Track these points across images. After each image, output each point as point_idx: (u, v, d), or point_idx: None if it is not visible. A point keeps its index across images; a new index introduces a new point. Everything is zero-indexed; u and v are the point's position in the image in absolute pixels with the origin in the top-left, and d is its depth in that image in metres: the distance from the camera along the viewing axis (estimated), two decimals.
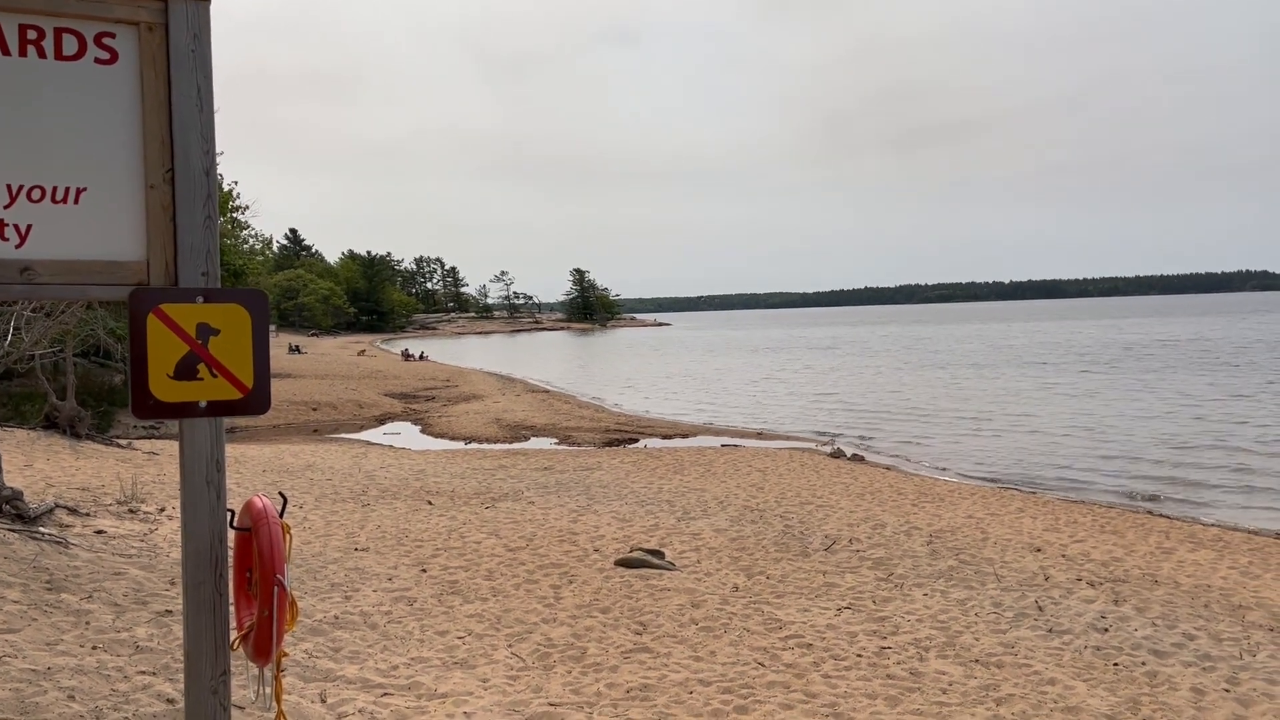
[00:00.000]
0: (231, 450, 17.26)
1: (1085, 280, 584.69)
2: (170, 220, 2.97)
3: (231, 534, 3.16)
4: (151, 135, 2.95)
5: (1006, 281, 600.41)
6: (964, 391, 37.42)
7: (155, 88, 2.93)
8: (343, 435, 26.57)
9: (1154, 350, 59.10)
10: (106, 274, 2.91)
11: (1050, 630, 7.96)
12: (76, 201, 2.88)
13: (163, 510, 11.08)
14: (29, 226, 2.83)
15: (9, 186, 2.80)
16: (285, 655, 3.30)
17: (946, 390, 38.13)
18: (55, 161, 2.86)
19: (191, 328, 2.98)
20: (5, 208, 2.80)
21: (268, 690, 3.19)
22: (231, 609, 3.12)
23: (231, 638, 3.10)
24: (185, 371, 2.99)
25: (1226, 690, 6.61)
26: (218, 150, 3.11)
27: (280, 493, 3.50)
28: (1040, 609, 8.63)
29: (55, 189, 2.86)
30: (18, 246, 2.82)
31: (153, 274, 2.95)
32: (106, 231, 2.92)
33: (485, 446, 24.03)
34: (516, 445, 24.35)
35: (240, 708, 5.07)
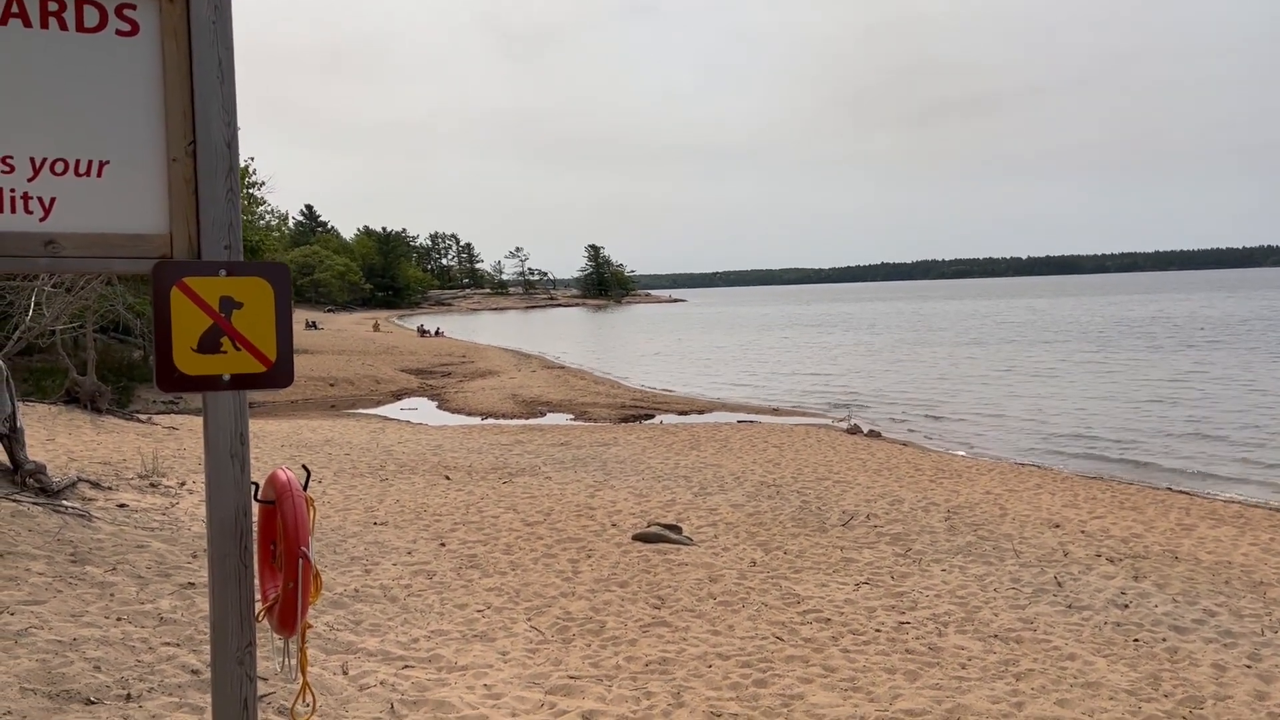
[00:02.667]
0: (250, 425, 17.32)
1: (1104, 256, 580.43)
2: (193, 193, 2.96)
3: (255, 507, 3.17)
4: (173, 108, 2.93)
5: (1024, 257, 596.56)
6: (978, 368, 37.27)
7: (176, 60, 2.91)
8: (360, 410, 26.70)
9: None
10: (130, 247, 2.91)
11: (1070, 606, 7.95)
12: (99, 174, 2.87)
13: (184, 485, 11.17)
14: (53, 199, 2.83)
15: (32, 159, 2.80)
16: (309, 627, 3.31)
17: (960, 367, 38.00)
18: (77, 134, 2.85)
19: (215, 301, 2.97)
20: (29, 180, 2.79)
21: (292, 662, 3.21)
22: (256, 581, 3.13)
23: (256, 610, 3.12)
24: (209, 345, 2.98)
25: (1248, 666, 6.59)
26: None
27: (304, 465, 3.52)
28: (1059, 585, 8.61)
29: (78, 162, 2.85)
30: (42, 220, 2.81)
31: (176, 247, 2.94)
32: (129, 204, 2.91)
33: (502, 422, 24.10)
34: (533, 421, 24.41)
35: (264, 679, 5.12)
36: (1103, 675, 6.30)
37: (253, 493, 3.16)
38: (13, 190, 2.79)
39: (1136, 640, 7.09)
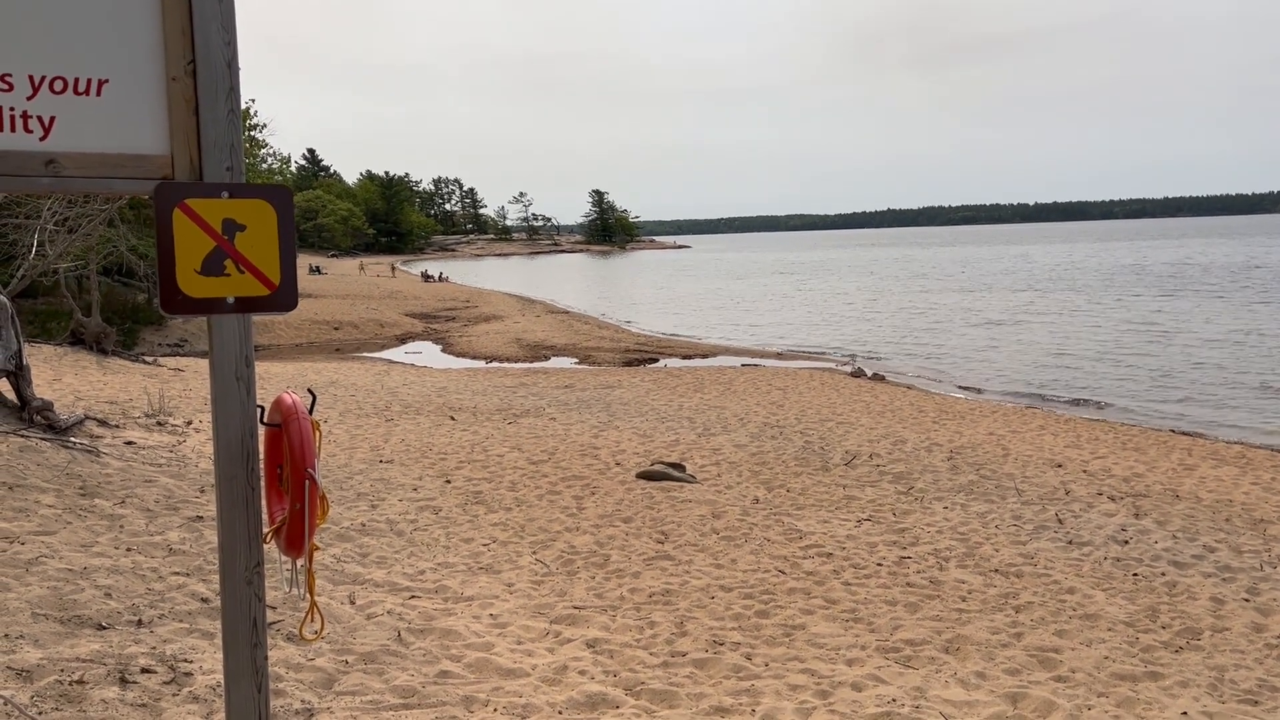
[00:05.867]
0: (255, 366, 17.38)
1: (1111, 202, 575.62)
2: (193, 113, 2.93)
3: (261, 431, 3.19)
4: (172, 26, 2.89)
5: (1031, 203, 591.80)
6: (982, 315, 37.20)
7: None
8: (365, 354, 26.76)
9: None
10: (131, 167, 2.89)
11: (1070, 542, 8.01)
12: (99, 94, 2.85)
13: (190, 424, 11.23)
14: (52, 119, 2.80)
15: (31, 77, 2.77)
16: (317, 549, 3.35)
17: (962, 313, 37.92)
18: (76, 52, 2.82)
19: (217, 223, 2.96)
20: (28, 99, 2.77)
21: (300, 578, 3.24)
22: (263, 504, 3.16)
23: (263, 532, 3.14)
24: (212, 267, 2.97)
25: (1246, 600, 6.65)
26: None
27: (309, 389, 3.53)
28: (1060, 522, 8.67)
29: (77, 80, 2.82)
30: (42, 139, 2.79)
31: (177, 168, 2.93)
32: (130, 124, 2.89)
33: (506, 365, 24.16)
34: (537, 364, 24.46)
35: (273, 608, 5.19)
36: (1101, 608, 6.37)
37: (258, 415, 3.17)
38: (12, 109, 2.76)
39: (1136, 575, 7.15)
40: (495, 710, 4.36)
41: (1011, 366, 23.38)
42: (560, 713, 4.40)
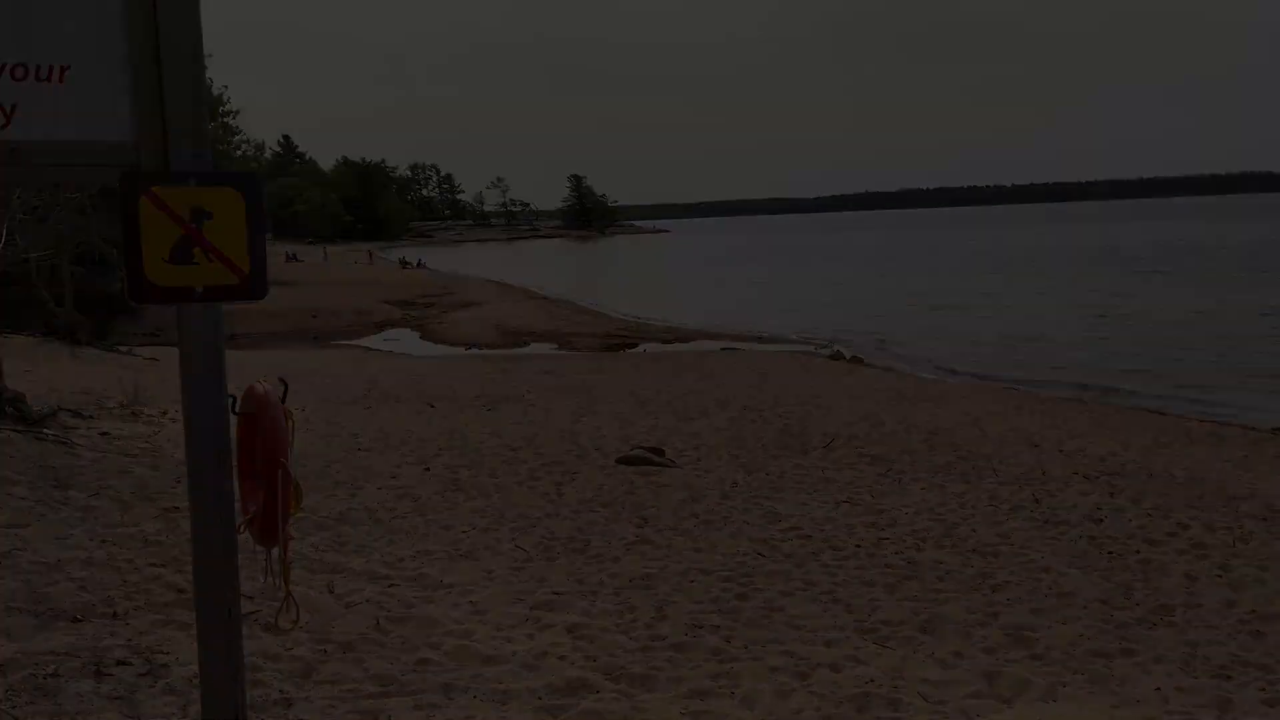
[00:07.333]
0: (231, 356, 17.22)
1: (1087, 183, 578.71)
2: (158, 100, 2.89)
3: (233, 421, 3.16)
4: (135, 11, 2.85)
5: (1009, 185, 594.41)
6: (963, 296, 37.40)
7: None
8: (343, 341, 26.63)
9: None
10: (96, 155, 2.85)
11: (1046, 521, 8.08)
12: (61, 80, 2.80)
13: (165, 413, 11.15)
14: (13, 106, 2.75)
15: None
16: (292, 538, 3.34)
17: (937, 294, 38.11)
18: (37, 38, 2.77)
19: (185, 211, 2.92)
20: None
21: (275, 580, 3.23)
22: (236, 495, 3.13)
23: (237, 523, 3.12)
24: (180, 256, 2.93)
25: (1219, 576, 6.73)
26: (205, 53, 3.01)
27: (280, 378, 3.50)
28: (1036, 501, 8.74)
29: (39, 67, 2.77)
30: (3, 127, 2.75)
31: (143, 155, 2.89)
32: (93, 111, 2.84)
33: (485, 351, 24.12)
34: (516, 350, 24.44)
35: (249, 598, 5.15)
36: (1077, 585, 6.43)
37: (230, 405, 3.15)
38: None
39: (1110, 553, 7.22)
40: (475, 697, 4.37)
41: (989, 348, 23.53)
42: (540, 698, 4.41)
